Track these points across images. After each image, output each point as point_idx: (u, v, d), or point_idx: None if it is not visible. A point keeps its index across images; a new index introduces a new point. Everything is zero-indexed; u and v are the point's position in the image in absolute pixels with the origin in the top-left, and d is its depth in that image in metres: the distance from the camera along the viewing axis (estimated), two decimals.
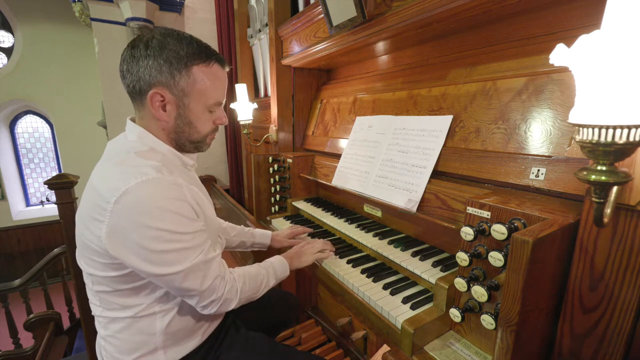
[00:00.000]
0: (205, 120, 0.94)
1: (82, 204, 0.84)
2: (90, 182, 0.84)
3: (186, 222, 0.82)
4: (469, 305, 0.82)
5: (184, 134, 0.93)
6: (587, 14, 0.88)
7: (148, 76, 0.84)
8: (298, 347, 1.78)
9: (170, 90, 0.86)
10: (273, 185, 1.95)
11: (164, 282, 0.83)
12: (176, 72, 0.84)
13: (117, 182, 0.77)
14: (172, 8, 3.49)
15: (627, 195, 0.63)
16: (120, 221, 0.76)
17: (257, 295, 1.04)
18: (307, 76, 2.11)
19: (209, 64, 0.89)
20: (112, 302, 0.87)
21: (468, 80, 1.17)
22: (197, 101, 0.89)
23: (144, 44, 0.83)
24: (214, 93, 0.92)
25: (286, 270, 1.16)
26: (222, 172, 4.23)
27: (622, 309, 0.66)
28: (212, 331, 1.05)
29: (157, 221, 0.77)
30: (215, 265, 0.91)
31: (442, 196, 1.10)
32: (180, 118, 0.90)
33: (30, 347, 2.77)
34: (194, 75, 0.86)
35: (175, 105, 0.88)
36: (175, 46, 0.84)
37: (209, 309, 0.90)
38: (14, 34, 5.16)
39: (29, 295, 2.82)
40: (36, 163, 5.81)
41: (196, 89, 0.88)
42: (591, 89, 0.51)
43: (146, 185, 0.77)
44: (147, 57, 0.83)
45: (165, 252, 0.79)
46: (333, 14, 1.41)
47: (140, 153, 0.85)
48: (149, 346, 0.90)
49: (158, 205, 0.77)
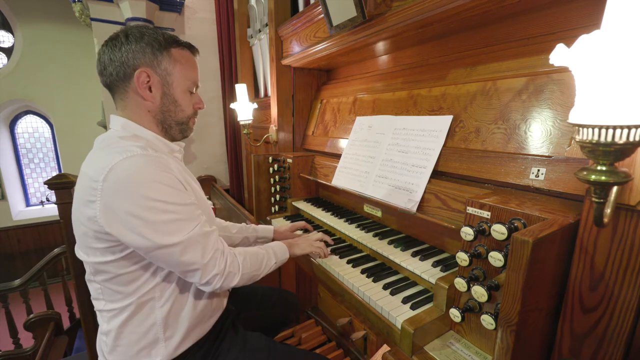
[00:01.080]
0: (187, 100, 1.00)
1: (76, 193, 0.87)
2: (80, 171, 0.88)
3: (177, 193, 0.85)
4: (469, 305, 0.82)
5: (170, 112, 0.97)
6: (587, 14, 0.88)
7: (132, 59, 0.89)
8: (298, 347, 1.78)
9: (154, 70, 0.92)
10: (273, 185, 1.95)
11: (163, 257, 0.84)
12: (158, 52, 0.91)
13: (103, 161, 0.80)
14: (172, 8, 3.49)
15: (627, 195, 0.63)
16: (112, 197, 0.78)
17: (259, 273, 1.05)
18: (307, 76, 2.11)
19: (183, 48, 0.98)
20: (114, 292, 0.88)
21: (468, 80, 1.17)
22: (178, 80, 0.96)
23: (124, 35, 0.90)
24: (191, 74, 0.99)
25: (285, 253, 1.18)
26: (222, 172, 4.23)
27: (622, 309, 0.66)
28: (211, 329, 1.05)
29: (148, 191, 0.79)
30: (214, 239, 0.92)
31: (442, 196, 1.10)
32: (166, 97, 0.95)
33: (30, 347, 2.77)
34: (174, 56, 0.94)
35: (160, 84, 0.94)
36: (153, 34, 0.92)
37: (212, 284, 0.91)
38: (14, 34, 5.16)
39: (29, 295, 2.82)
40: (36, 163, 5.81)
41: (177, 68, 0.95)
42: (591, 89, 0.51)
43: (132, 159, 0.80)
44: (129, 43, 0.89)
45: (161, 222, 0.81)
46: (333, 14, 1.41)
47: (124, 138, 0.90)
48: (150, 337, 0.91)
49: (146, 176, 0.80)
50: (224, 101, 3.74)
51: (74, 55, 5.35)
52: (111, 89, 0.95)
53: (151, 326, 0.91)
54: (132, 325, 0.90)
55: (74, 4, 3.40)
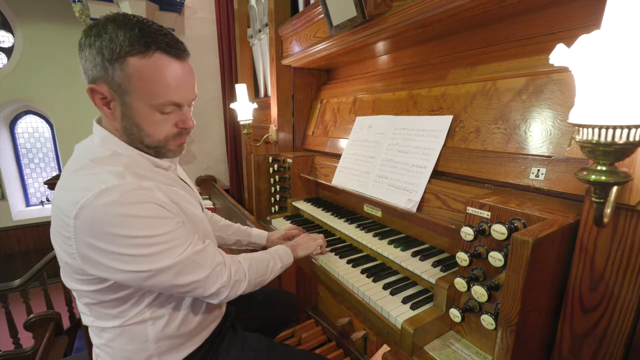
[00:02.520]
0: (156, 122, 0.80)
1: (52, 221, 0.78)
2: (54, 195, 0.79)
3: (159, 223, 0.76)
4: (469, 305, 0.82)
5: (134, 136, 0.82)
6: (587, 14, 0.88)
7: (88, 69, 0.76)
8: (298, 347, 1.78)
9: (109, 85, 0.75)
10: (273, 185, 1.95)
11: (158, 285, 0.78)
12: (108, 64, 0.73)
13: (74, 194, 0.70)
14: (172, 8, 3.48)
15: (627, 195, 0.63)
16: (88, 238, 0.70)
17: (266, 278, 1.03)
18: (307, 76, 2.11)
19: (145, 54, 0.74)
20: (101, 312, 0.84)
21: (468, 80, 1.17)
22: (138, 100, 0.76)
23: (85, 34, 0.75)
24: (159, 90, 0.77)
25: (290, 257, 1.15)
26: (222, 172, 4.23)
27: (622, 309, 0.66)
28: (209, 335, 1.03)
29: (125, 229, 0.71)
30: (210, 254, 0.87)
31: (442, 196, 1.10)
32: (125, 118, 0.79)
33: (30, 347, 2.76)
34: (130, 68, 0.73)
35: (118, 103, 0.77)
36: (112, 33, 0.72)
37: (220, 296, 0.88)
38: (14, 34, 5.16)
39: (29, 295, 2.82)
40: (36, 163, 5.81)
41: (133, 85, 0.74)
42: (591, 89, 0.51)
43: (105, 194, 0.70)
44: (87, 46, 0.74)
45: (147, 255, 0.75)
46: (333, 14, 1.41)
47: (100, 159, 0.77)
48: (142, 354, 0.88)
49: (121, 212, 0.70)
50: (224, 101, 3.75)
51: (74, 55, 5.26)
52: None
53: (143, 343, 0.87)
54: (123, 342, 0.86)
55: (74, 4, 3.40)
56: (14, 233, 5.33)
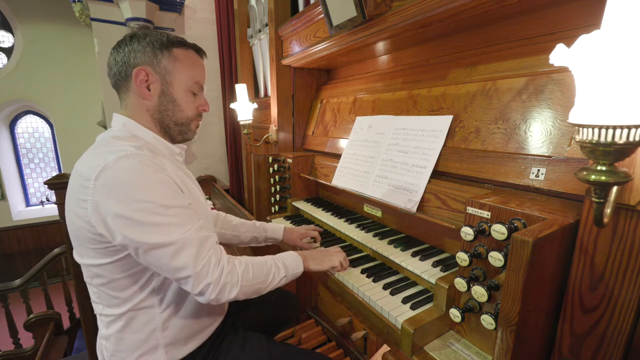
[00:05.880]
0: (188, 102, 0.98)
1: (68, 192, 0.85)
2: (74, 169, 0.86)
3: (170, 194, 0.82)
4: (469, 305, 0.82)
5: (168, 112, 0.96)
6: (587, 14, 0.88)
7: (133, 58, 0.91)
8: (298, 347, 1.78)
9: (153, 68, 0.92)
10: (273, 185, 1.95)
11: (154, 260, 0.79)
12: (158, 51, 0.92)
13: (97, 159, 0.79)
14: (172, 8, 3.48)
15: (627, 195, 0.63)
16: (103, 197, 0.77)
17: (265, 286, 0.96)
18: (307, 76, 2.11)
19: (187, 48, 0.97)
20: (111, 296, 0.87)
21: (468, 80, 1.17)
22: (178, 80, 0.95)
23: (129, 37, 0.93)
24: (194, 74, 0.98)
25: (299, 267, 1.06)
26: (222, 172, 4.23)
27: (622, 309, 0.66)
28: (212, 333, 1.05)
29: (139, 192, 0.77)
30: (209, 245, 0.86)
31: (442, 196, 1.10)
32: (164, 95, 0.94)
33: (30, 347, 2.77)
34: (175, 55, 0.94)
35: (159, 83, 0.93)
36: (157, 35, 0.94)
37: (206, 295, 0.83)
38: (14, 34, 5.16)
39: (29, 295, 2.82)
40: (36, 163, 5.81)
41: (177, 67, 0.94)
42: (591, 89, 0.51)
43: (125, 159, 0.79)
44: (132, 43, 0.91)
45: (151, 224, 0.78)
46: (333, 14, 1.41)
47: (120, 137, 0.89)
48: (149, 343, 0.91)
49: (139, 176, 0.78)
50: (224, 101, 3.74)
51: (74, 55, 5.35)
52: (116, 89, 0.96)
53: (151, 333, 0.90)
54: (131, 331, 0.89)
55: (74, 4, 3.40)
56: (14, 233, 5.33)
